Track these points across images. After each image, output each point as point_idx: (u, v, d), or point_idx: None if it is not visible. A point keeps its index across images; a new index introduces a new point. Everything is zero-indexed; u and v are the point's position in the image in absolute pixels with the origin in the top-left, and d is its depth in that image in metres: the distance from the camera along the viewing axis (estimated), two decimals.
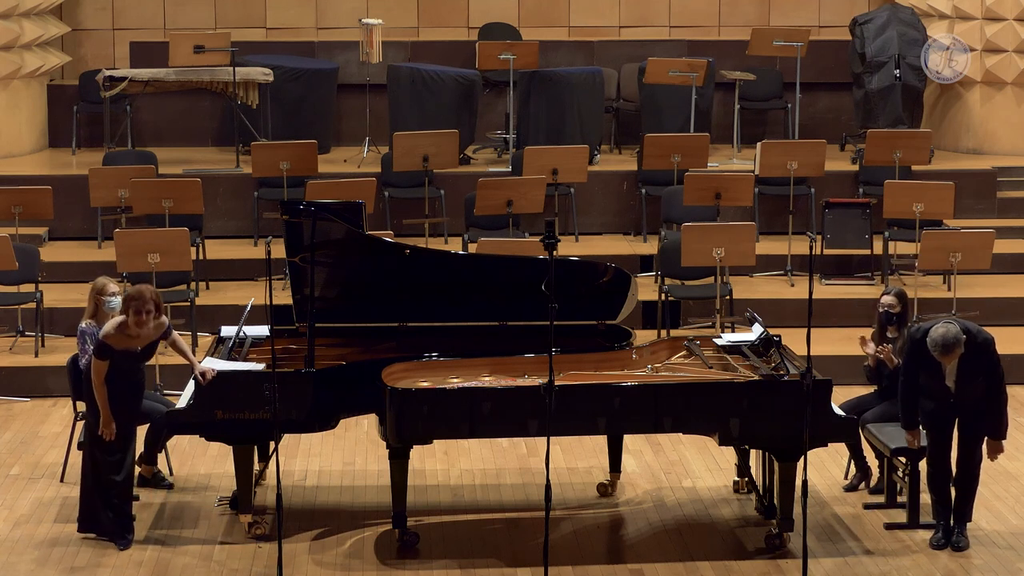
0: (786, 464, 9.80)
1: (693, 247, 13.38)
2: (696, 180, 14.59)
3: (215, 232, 15.47)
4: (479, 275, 10.73)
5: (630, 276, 10.71)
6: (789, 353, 10.41)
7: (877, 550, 9.93)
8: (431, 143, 15.13)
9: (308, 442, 11.83)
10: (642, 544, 10.08)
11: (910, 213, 14.37)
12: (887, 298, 10.76)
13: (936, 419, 9.89)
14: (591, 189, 15.83)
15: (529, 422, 9.65)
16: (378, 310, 10.63)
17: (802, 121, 17.16)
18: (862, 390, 11.11)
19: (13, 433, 12.29)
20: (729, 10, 18.71)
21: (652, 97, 16.74)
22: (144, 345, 9.94)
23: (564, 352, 10.27)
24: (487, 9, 18.56)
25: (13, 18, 16.68)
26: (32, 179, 15.41)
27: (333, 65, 17.15)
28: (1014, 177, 16.52)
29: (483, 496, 10.92)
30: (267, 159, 15.05)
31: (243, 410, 9.82)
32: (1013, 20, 16.94)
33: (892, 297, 10.74)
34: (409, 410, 9.67)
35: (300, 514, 10.51)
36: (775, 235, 15.47)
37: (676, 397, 9.78)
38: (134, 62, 17.43)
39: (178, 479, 11.15)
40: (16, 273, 13.34)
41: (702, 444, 11.67)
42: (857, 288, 14.69)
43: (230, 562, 9.75)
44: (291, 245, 10.22)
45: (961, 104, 17.31)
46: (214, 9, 18.43)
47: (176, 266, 13.19)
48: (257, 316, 10.96)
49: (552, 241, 8.76)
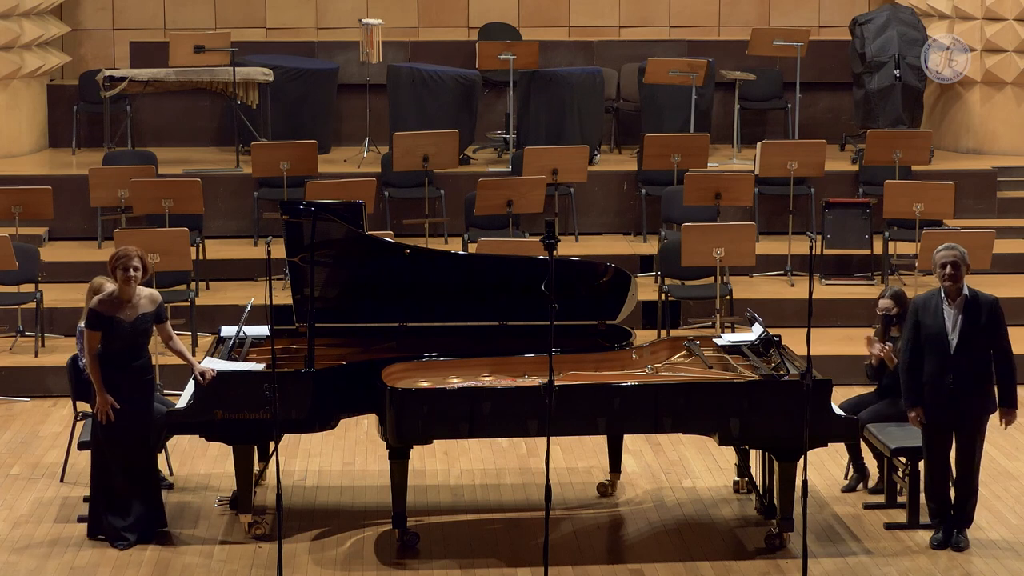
0: (786, 464, 9.80)
1: (693, 247, 13.38)
2: (696, 180, 14.59)
3: (215, 232, 15.48)
4: (479, 275, 10.73)
5: (630, 276, 10.71)
6: (789, 353, 10.41)
7: (877, 550, 9.93)
8: (431, 143, 15.13)
9: (308, 442, 11.83)
10: (642, 544, 10.08)
11: (910, 213, 14.37)
12: (883, 302, 10.73)
13: (935, 395, 9.76)
14: (591, 189, 15.83)
15: (529, 422, 9.65)
16: (378, 310, 10.63)
17: (802, 121, 17.17)
18: (862, 390, 11.11)
19: (13, 433, 12.29)
20: (729, 10, 18.71)
21: (652, 97, 16.74)
22: (134, 318, 9.85)
23: (564, 352, 10.27)
24: (487, 9, 18.56)
25: (13, 18, 16.68)
26: (32, 179, 15.41)
27: (333, 65, 17.16)
28: (1014, 177, 16.53)
29: (483, 496, 10.92)
30: (267, 159, 15.05)
31: (243, 410, 9.82)
32: (1013, 20, 16.95)
33: (888, 300, 10.72)
34: (409, 410, 9.67)
35: (300, 514, 10.51)
36: (775, 235, 15.47)
37: (676, 397, 9.78)
38: (134, 62, 17.43)
39: (178, 479, 11.15)
40: (16, 273, 13.34)
41: (702, 444, 11.67)
42: (857, 288, 14.69)
43: (230, 562, 9.75)
44: (291, 245, 10.22)
45: (961, 104, 17.31)
46: (214, 9, 18.43)
47: (176, 266, 13.19)
48: (257, 316, 10.96)
49: (552, 241, 8.76)
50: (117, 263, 9.80)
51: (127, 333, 9.84)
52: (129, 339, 9.87)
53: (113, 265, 9.83)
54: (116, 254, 9.84)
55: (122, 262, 9.78)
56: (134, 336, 9.89)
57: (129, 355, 9.88)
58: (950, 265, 9.76)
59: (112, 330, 9.79)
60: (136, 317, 9.86)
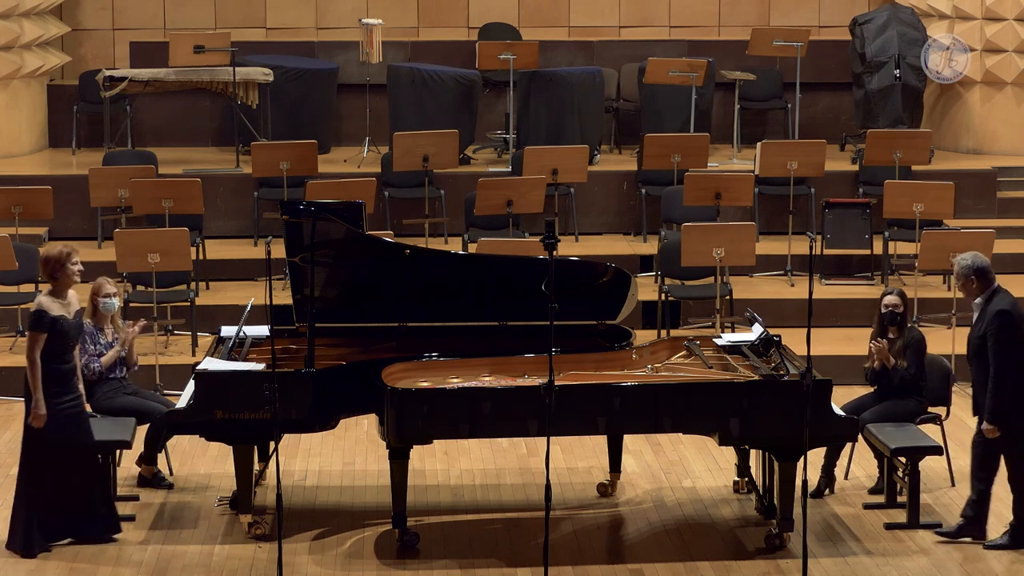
0: (786, 464, 9.80)
1: (693, 247, 13.38)
2: (696, 180, 14.59)
3: (215, 232, 15.47)
4: (479, 275, 10.73)
5: (630, 276, 10.72)
6: (789, 353, 10.41)
7: (877, 550, 9.93)
8: (431, 143, 15.13)
9: (308, 442, 11.82)
10: (642, 544, 10.08)
11: (910, 213, 14.37)
12: (891, 298, 10.74)
13: None
14: (591, 189, 15.83)
15: (529, 422, 9.65)
16: (378, 310, 10.63)
17: (802, 121, 17.17)
18: (862, 390, 11.11)
19: (13, 433, 12.27)
20: (729, 10, 18.71)
21: (652, 97, 16.74)
22: (74, 313, 9.79)
23: (564, 352, 10.27)
24: (487, 9, 18.56)
25: (13, 18, 16.68)
26: (32, 179, 15.41)
27: (333, 65, 17.15)
28: (1014, 177, 16.52)
29: (483, 496, 10.92)
30: (267, 159, 15.05)
31: (243, 410, 9.82)
32: (1013, 20, 16.94)
33: (895, 297, 10.74)
34: (409, 410, 9.67)
35: (300, 514, 10.51)
36: (775, 235, 15.47)
37: (676, 397, 9.78)
38: (134, 62, 17.43)
39: (178, 479, 11.15)
40: (16, 273, 13.34)
41: (702, 444, 11.67)
42: (857, 288, 14.69)
43: (230, 562, 9.75)
44: (291, 245, 10.22)
45: (961, 104, 17.31)
46: (214, 9, 18.43)
47: (176, 266, 13.18)
48: (257, 316, 10.96)
49: (552, 241, 8.76)
50: (57, 259, 9.75)
51: (67, 340, 9.80)
52: (74, 337, 9.87)
53: (62, 262, 9.76)
54: (61, 251, 9.79)
55: (64, 255, 9.76)
56: (78, 332, 9.91)
57: (71, 354, 9.86)
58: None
59: (57, 344, 9.75)
60: (75, 313, 9.87)
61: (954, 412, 11.06)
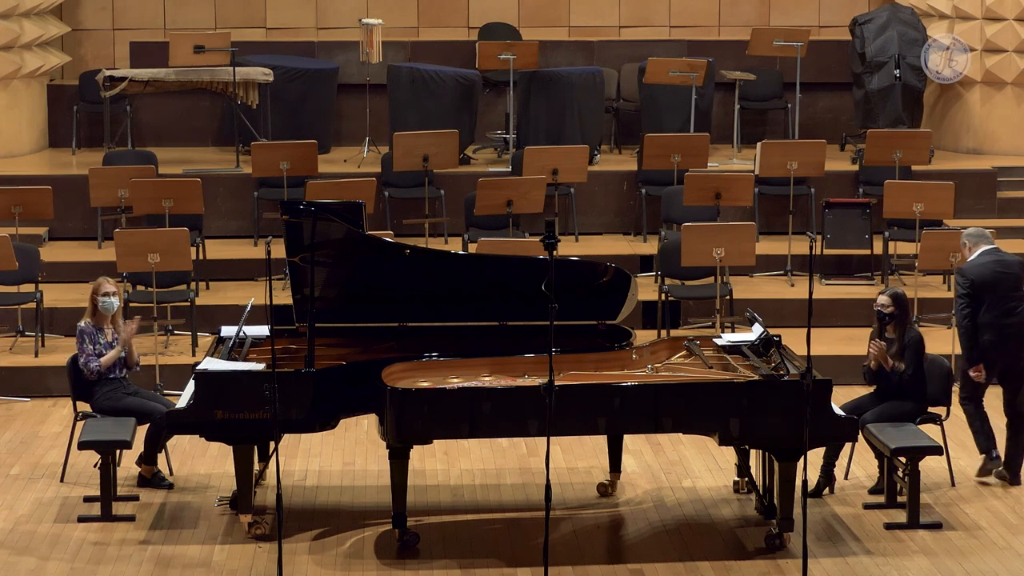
0: (786, 464, 9.81)
1: (693, 247, 13.38)
2: (696, 180, 14.59)
3: (215, 232, 15.47)
4: (479, 275, 10.73)
5: (630, 276, 10.72)
6: (789, 353, 10.41)
7: (877, 550, 9.93)
8: (431, 143, 15.13)
9: (308, 442, 11.82)
10: (642, 544, 10.08)
11: (910, 213, 14.37)
12: (881, 297, 10.76)
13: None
14: (591, 189, 15.83)
15: (529, 422, 9.65)
16: (378, 310, 10.63)
17: (802, 121, 17.16)
18: (862, 390, 11.11)
19: (13, 433, 12.28)
20: (729, 10, 18.70)
21: (652, 97, 16.74)
22: None
23: (564, 352, 10.27)
24: (487, 9, 18.56)
25: (13, 18, 16.67)
26: (32, 179, 15.40)
27: (333, 65, 17.15)
28: (1014, 177, 16.52)
29: (483, 496, 10.92)
30: (267, 159, 15.05)
31: (243, 410, 9.82)
32: (1013, 20, 16.94)
33: (885, 297, 10.74)
34: (409, 410, 9.67)
35: (300, 514, 10.51)
36: (775, 235, 15.47)
37: (676, 397, 9.78)
38: (134, 62, 17.42)
39: (178, 479, 11.15)
40: (16, 273, 13.33)
41: (702, 444, 11.67)
42: (857, 288, 14.69)
43: (230, 562, 9.75)
44: (291, 245, 10.22)
45: (961, 104, 17.31)
46: (214, 9, 18.42)
47: (176, 266, 13.18)
48: (257, 316, 10.96)
49: (552, 241, 8.76)
50: None
51: None
52: None
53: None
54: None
55: None
56: None
57: None
58: None
59: None
60: None
61: (954, 412, 11.04)
